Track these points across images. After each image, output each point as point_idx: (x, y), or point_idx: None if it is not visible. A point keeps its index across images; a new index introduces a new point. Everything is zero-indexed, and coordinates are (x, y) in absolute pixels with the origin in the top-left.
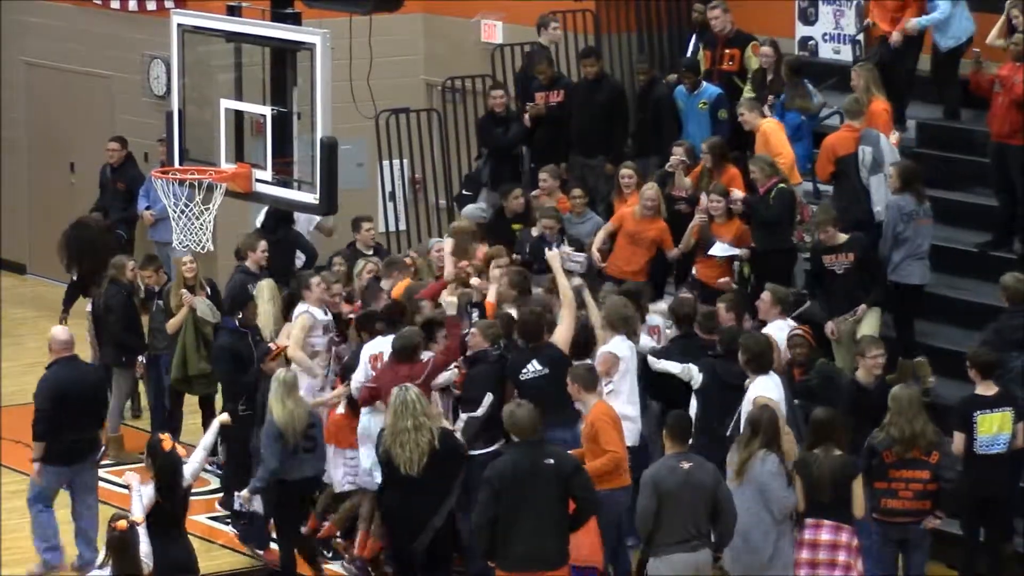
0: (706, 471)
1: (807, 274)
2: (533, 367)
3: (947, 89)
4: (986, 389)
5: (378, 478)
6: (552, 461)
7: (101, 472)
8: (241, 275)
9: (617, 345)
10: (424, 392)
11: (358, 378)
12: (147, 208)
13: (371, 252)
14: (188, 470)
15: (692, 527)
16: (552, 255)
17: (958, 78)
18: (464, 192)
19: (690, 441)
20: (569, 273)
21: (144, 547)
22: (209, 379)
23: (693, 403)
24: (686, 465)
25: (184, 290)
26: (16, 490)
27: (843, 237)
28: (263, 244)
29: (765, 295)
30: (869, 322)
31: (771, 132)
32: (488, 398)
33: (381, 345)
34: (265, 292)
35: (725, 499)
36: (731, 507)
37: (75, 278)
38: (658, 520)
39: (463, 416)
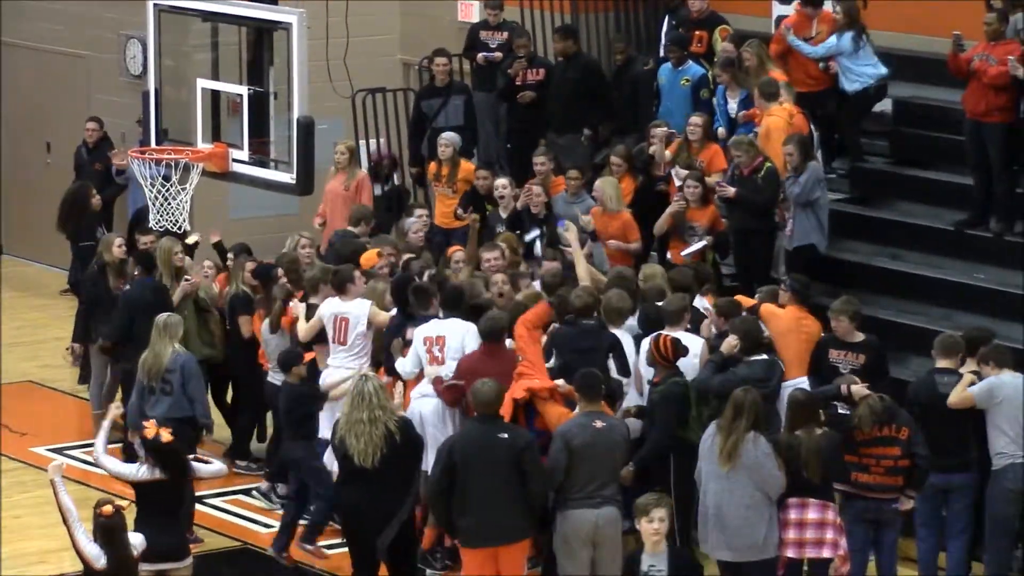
0: (619, 432)
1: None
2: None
3: (851, 135)
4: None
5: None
6: (506, 435)
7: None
8: (343, 236)
9: None
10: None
11: (407, 366)
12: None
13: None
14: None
15: (596, 485)
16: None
17: (861, 125)
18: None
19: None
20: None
21: (136, 538)
22: (209, 363)
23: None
24: (599, 424)
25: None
26: (8, 468)
27: (859, 336)
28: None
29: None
30: None
31: (776, 129)
32: None
33: (438, 328)
34: None
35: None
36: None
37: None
38: (567, 476)
39: None
